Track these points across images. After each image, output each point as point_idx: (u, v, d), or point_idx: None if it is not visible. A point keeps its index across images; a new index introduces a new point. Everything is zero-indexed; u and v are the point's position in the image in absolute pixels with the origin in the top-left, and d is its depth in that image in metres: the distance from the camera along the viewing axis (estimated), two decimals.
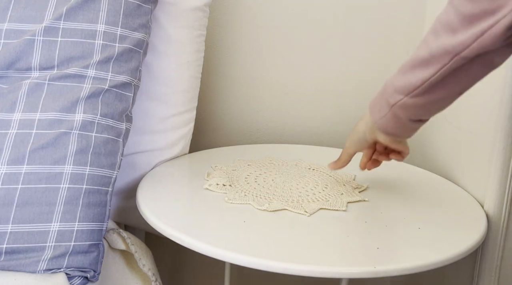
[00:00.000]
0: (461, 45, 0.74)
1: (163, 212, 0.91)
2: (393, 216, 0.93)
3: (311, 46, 1.26)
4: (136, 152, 1.09)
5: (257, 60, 1.27)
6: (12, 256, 0.84)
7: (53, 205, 0.86)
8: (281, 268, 0.77)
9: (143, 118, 1.09)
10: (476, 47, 0.73)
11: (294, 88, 1.28)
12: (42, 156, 0.87)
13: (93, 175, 0.89)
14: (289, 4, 1.24)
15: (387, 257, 0.82)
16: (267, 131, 1.30)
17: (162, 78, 1.09)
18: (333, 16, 1.25)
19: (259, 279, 1.34)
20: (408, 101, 0.82)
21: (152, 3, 1.02)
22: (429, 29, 0.78)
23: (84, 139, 0.90)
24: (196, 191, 0.99)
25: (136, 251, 0.96)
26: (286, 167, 1.11)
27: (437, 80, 0.78)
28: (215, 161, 1.14)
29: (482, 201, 0.99)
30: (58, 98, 0.91)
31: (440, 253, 0.82)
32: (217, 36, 1.25)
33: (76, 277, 0.86)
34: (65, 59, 0.94)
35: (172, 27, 1.09)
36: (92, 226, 0.88)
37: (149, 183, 1.02)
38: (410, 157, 1.28)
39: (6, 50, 0.93)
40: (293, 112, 1.29)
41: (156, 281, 0.96)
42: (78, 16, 0.95)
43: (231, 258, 0.79)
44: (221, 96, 1.28)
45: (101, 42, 0.95)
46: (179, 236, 0.84)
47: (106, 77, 0.94)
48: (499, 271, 0.97)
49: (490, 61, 0.76)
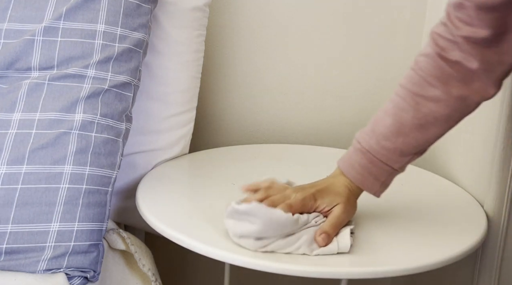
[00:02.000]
0: None
1: (163, 213, 0.91)
2: (393, 216, 0.93)
3: (311, 46, 1.26)
4: (136, 152, 1.09)
5: (257, 60, 1.27)
6: (12, 256, 0.84)
7: (53, 205, 0.86)
8: (280, 268, 0.77)
9: (143, 118, 1.08)
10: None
11: (294, 88, 1.28)
12: (42, 156, 0.87)
13: (93, 175, 0.89)
14: (289, 4, 1.24)
15: (387, 258, 0.82)
16: (267, 131, 1.30)
17: (162, 78, 1.09)
18: (333, 16, 1.25)
19: (259, 279, 1.34)
20: (415, 157, 0.84)
21: (152, 3, 1.02)
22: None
23: (84, 139, 0.90)
24: (196, 191, 0.99)
25: (136, 251, 0.96)
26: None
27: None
28: (215, 161, 1.13)
29: (482, 201, 0.99)
30: (58, 98, 0.91)
31: (440, 253, 0.82)
32: (217, 36, 1.25)
33: (76, 277, 0.86)
34: (65, 59, 0.94)
35: (172, 27, 1.09)
36: (92, 226, 0.88)
37: (149, 183, 1.02)
38: None
39: (6, 50, 0.93)
40: (293, 112, 1.29)
41: (156, 281, 0.96)
42: (78, 16, 0.95)
43: (230, 259, 0.79)
44: (221, 96, 1.28)
45: (101, 42, 0.95)
46: (178, 237, 0.83)
47: (106, 77, 0.94)
48: (499, 271, 0.97)
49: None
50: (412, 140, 0.82)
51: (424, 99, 0.81)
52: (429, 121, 0.81)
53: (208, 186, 1.02)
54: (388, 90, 1.27)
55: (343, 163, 0.86)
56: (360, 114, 1.28)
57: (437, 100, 0.81)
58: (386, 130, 0.83)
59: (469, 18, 0.76)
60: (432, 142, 0.84)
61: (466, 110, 0.83)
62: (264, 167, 1.10)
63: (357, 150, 0.85)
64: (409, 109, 0.82)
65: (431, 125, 0.81)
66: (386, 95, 1.27)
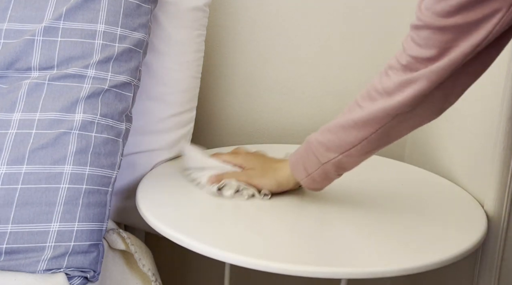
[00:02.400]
0: (400, 105, 0.81)
1: (163, 213, 0.91)
2: (393, 216, 0.93)
3: (311, 46, 1.26)
4: (136, 152, 1.09)
5: (257, 60, 1.27)
6: (12, 256, 0.84)
7: (53, 205, 0.86)
8: (280, 268, 0.77)
9: (143, 118, 1.08)
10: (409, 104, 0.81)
11: (294, 88, 1.28)
12: (42, 156, 0.87)
13: (93, 175, 0.89)
14: (289, 4, 1.24)
15: (387, 258, 0.82)
16: (267, 131, 1.30)
17: (162, 78, 1.09)
18: (333, 16, 1.25)
19: (259, 279, 1.34)
20: (343, 159, 0.87)
21: (152, 3, 1.02)
22: (360, 95, 0.86)
23: (84, 139, 0.90)
24: (196, 191, 0.99)
25: (136, 251, 0.96)
26: None
27: (377, 137, 0.85)
28: None
29: (482, 201, 0.99)
30: (58, 98, 0.91)
31: (440, 253, 0.82)
32: (217, 36, 1.25)
33: (76, 277, 0.86)
34: (65, 59, 0.94)
35: (172, 27, 1.08)
36: (92, 226, 0.88)
37: (149, 183, 1.02)
38: (410, 157, 1.28)
39: (6, 50, 0.93)
40: (293, 112, 1.29)
41: (156, 281, 0.96)
42: (78, 16, 0.95)
43: (230, 259, 0.79)
44: (221, 96, 1.28)
45: (101, 42, 0.95)
46: (178, 237, 0.83)
47: (106, 77, 0.94)
48: (499, 271, 0.97)
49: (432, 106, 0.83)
50: (336, 139, 0.87)
51: (357, 105, 0.86)
52: (350, 124, 0.85)
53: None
54: None
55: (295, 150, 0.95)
56: None
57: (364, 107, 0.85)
58: (328, 126, 0.89)
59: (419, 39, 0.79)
60: (356, 145, 0.86)
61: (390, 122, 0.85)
62: None
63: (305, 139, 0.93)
64: (346, 111, 0.88)
65: (352, 128, 0.85)
66: None
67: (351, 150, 0.86)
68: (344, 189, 1.02)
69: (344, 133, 0.86)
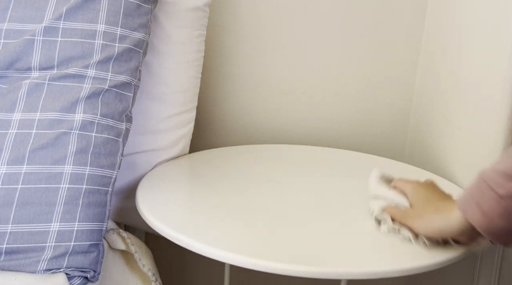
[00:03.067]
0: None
1: (163, 213, 0.91)
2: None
3: (311, 46, 1.26)
4: (136, 152, 1.09)
5: (257, 60, 1.27)
6: (12, 256, 0.84)
7: (53, 205, 0.86)
8: (280, 269, 0.77)
9: (143, 118, 1.08)
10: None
11: (294, 88, 1.28)
12: (42, 156, 0.87)
13: (93, 175, 0.89)
14: (289, 3, 1.24)
15: (386, 258, 0.82)
16: (267, 131, 1.30)
17: (162, 78, 1.09)
18: (333, 16, 1.25)
19: (259, 279, 1.34)
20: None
21: (152, 3, 1.02)
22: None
23: (84, 139, 0.90)
24: (196, 191, 0.99)
25: (136, 251, 0.96)
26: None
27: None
28: (215, 161, 1.13)
29: None
30: (58, 98, 0.91)
31: (440, 254, 0.82)
32: (217, 36, 1.25)
33: (76, 277, 0.86)
34: (65, 59, 0.94)
35: (172, 27, 1.09)
36: (92, 226, 0.88)
37: (149, 183, 1.02)
38: (410, 157, 1.28)
39: (6, 50, 0.93)
40: (293, 112, 1.29)
41: (156, 281, 0.96)
42: (78, 16, 0.95)
43: (230, 259, 0.79)
44: (221, 96, 1.28)
45: (101, 42, 0.95)
46: (178, 237, 0.83)
47: (106, 77, 0.94)
48: (499, 271, 0.97)
49: None
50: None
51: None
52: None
53: (208, 186, 1.02)
54: (388, 90, 1.27)
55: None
56: (360, 114, 1.28)
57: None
58: (504, 153, 0.72)
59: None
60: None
61: None
62: (264, 167, 1.10)
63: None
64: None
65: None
66: (386, 95, 1.28)
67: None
68: (344, 189, 1.02)
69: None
